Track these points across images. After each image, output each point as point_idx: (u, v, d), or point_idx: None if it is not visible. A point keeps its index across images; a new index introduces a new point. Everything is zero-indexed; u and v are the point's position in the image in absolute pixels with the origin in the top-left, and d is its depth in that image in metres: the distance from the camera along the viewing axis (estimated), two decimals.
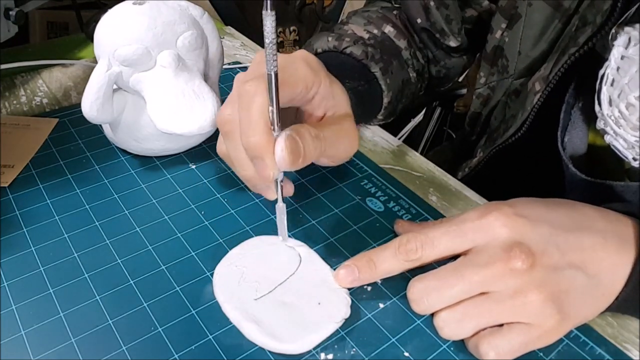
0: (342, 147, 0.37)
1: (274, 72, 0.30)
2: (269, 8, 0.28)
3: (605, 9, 0.39)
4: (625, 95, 0.38)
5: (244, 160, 0.35)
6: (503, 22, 0.51)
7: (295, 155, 0.32)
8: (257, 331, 0.33)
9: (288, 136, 0.32)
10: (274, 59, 0.29)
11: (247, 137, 0.32)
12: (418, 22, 0.55)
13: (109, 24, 0.43)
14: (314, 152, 0.33)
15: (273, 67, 0.30)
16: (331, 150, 0.35)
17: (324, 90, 0.36)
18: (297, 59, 0.35)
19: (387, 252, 0.35)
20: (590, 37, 0.40)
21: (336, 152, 0.37)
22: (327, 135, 0.34)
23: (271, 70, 0.30)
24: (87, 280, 0.37)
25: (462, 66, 0.62)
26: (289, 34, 1.80)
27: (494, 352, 0.31)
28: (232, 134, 0.35)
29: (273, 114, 0.31)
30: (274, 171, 0.32)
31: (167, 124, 0.43)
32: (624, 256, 0.33)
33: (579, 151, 0.45)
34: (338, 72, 0.47)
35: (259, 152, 0.32)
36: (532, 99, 0.46)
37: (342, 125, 0.37)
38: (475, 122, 0.59)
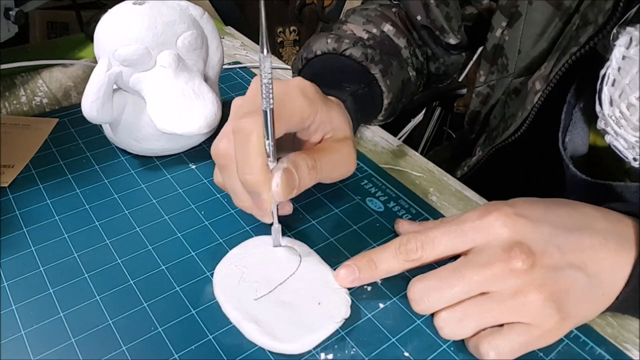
0: (338, 173, 0.37)
1: (270, 109, 0.31)
2: (266, 51, 0.29)
3: (607, 8, 0.39)
4: (627, 96, 0.38)
5: (240, 192, 0.36)
6: (503, 21, 0.51)
7: (291, 188, 0.33)
8: (257, 331, 0.33)
9: (284, 170, 0.32)
10: (270, 97, 0.30)
11: (244, 175, 0.33)
12: (418, 20, 0.55)
13: (109, 24, 0.43)
14: (309, 183, 0.34)
15: (269, 105, 0.31)
16: (326, 176, 0.36)
17: (321, 118, 0.36)
18: (293, 89, 0.35)
19: (387, 252, 0.35)
20: (591, 37, 0.40)
21: (331, 177, 0.37)
22: (323, 164, 0.35)
23: (267, 107, 0.31)
24: (87, 280, 0.37)
25: (462, 63, 0.62)
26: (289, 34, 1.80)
27: (494, 352, 0.31)
28: (228, 168, 0.35)
29: (269, 146, 0.32)
30: (270, 205, 0.34)
31: (167, 124, 0.43)
32: (624, 256, 0.33)
33: (579, 151, 0.45)
34: (338, 75, 0.47)
35: (256, 188, 0.33)
36: (532, 98, 0.46)
37: (340, 152, 0.37)
38: (475, 120, 0.59)
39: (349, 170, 0.38)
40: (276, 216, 0.36)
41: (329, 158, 0.36)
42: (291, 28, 1.80)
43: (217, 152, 0.36)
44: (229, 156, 0.35)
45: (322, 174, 0.35)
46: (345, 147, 0.37)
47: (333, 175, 0.37)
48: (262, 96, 0.30)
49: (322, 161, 0.35)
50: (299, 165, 0.33)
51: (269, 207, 0.34)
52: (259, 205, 0.34)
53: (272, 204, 0.34)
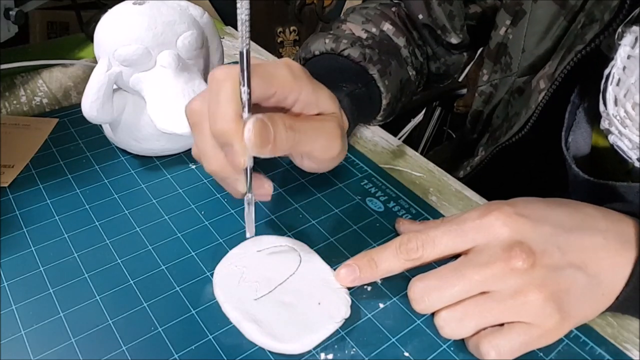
0: (319, 145, 0.34)
1: (246, 50, 0.29)
2: None
3: (613, 5, 0.39)
4: (632, 95, 0.38)
5: (210, 152, 0.33)
6: (507, 19, 0.51)
7: (264, 138, 0.30)
8: (257, 331, 0.33)
9: (257, 119, 0.30)
10: (247, 37, 0.28)
11: (215, 124, 0.31)
12: (419, 18, 0.55)
13: (109, 24, 0.43)
14: (285, 142, 0.31)
15: (245, 45, 0.28)
16: (306, 145, 0.33)
17: (306, 97, 0.34)
18: (279, 62, 0.34)
19: (388, 251, 0.35)
20: (597, 35, 0.40)
21: (312, 148, 0.34)
22: (303, 129, 0.32)
23: (243, 48, 0.28)
24: (87, 280, 0.37)
25: (463, 62, 0.61)
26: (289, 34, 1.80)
27: (494, 351, 0.31)
28: (199, 125, 0.34)
29: (245, 94, 0.30)
30: (244, 157, 0.31)
31: (167, 124, 0.43)
32: (625, 256, 0.33)
33: (582, 151, 0.45)
34: (335, 75, 0.47)
35: (228, 138, 0.31)
36: (536, 97, 0.45)
37: (323, 124, 0.35)
38: (477, 120, 0.59)
39: (332, 147, 0.35)
40: (249, 184, 0.34)
41: (310, 124, 0.33)
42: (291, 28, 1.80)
43: (190, 109, 0.34)
44: (202, 113, 0.33)
45: (302, 136, 0.32)
46: (330, 122, 0.35)
47: (314, 147, 0.34)
48: (239, 36, 0.28)
49: (302, 125, 0.32)
50: (275, 120, 0.31)
51: (241, 161, 0.31)
52: (232, 160, 0.31)
53: (246, 159, 0.31)
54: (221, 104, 0.31)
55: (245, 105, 0.30)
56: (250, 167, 0.33)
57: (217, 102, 0.31)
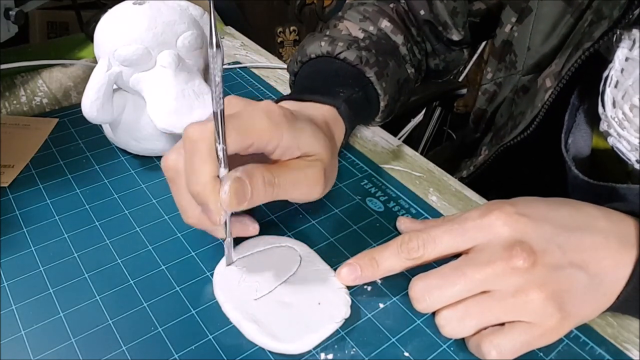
0: (299, 194, 0.35)
1: (220, 110, 0.29)
2: (215, 46, 0.27)
3: (622, 2, 0.39)
4: (629, 97, 0.38)
5: (187, 207, 0.34)
6: (513, 16, 0.51)
7: (240, 199, 0.31)
8: (257, 331, 0.33)
9: (235, 179, 0.30)
10: (220, 97, 0.29)
11: (190, 185, 0.31)
12: (421, 14, 0.55)
13: (109, 24, 0.43)
14: (263, 197, 0.32)
15: (219, 106, 0.29)
16: (286, 195, 0.34)
17: (287, 143, 0.33)
18: (257, 110, 0.33)
19: (389, 250, 0.35)
20: (606, 32, 0.40)
21: (292, 196, 0.35)
22: (282, 182, 0.33)
23: (217, 109, 0.29)
24: (87, 280, 0.37)
25: (462, 59, 0.61)
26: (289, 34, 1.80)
27: (495, 351, 0.31)
28: (175, 181, 0.34)
29: (220, 151, 0.30)
30: (219, 216, 0.31)
31: (167, 124, 0.43)
32: (626, 256, 0.33)
33: (582, 153, 0.45)
34: (332, 79, 0.47)
35: (204, 199, 0.31)
36: (542, 95, 0.45)
37: (305, 172, 0.34)
38: (480, 119, 0.58)
39: (313, 192, 0.35)
40: (229, 230, 0.34)
41: (291, 176, 0.34)
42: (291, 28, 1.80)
43: (166, 165, 0.34)
44: (177, 169, 0.34)
45: (281, 190, 0.33)
46: (312, 168, 0.35)
47: (294, 194, 0.35)
48: (212, 96, 0.29)
49: (282, 177, 0.33)
50: (254, 176, 0.31)
51: (217, 219, 0.31)
52: (209, 217, 0.32)
53: (223, 216, 0.32)
54: (196, 166, 0.31)
55: (221, 162, 0.31)
56: (228, 219, 0.34)
57: (192, 164, 0.31)
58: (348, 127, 0.44)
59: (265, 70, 0.66)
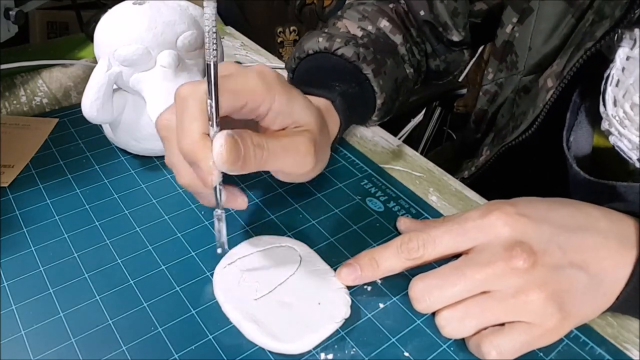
0: (289, 162, 0.34)
1: (213, 61, 0.28)
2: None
3: (624, 1, 0.39)
4: (630, 96, 0.38)
5: (179, 166, 0.34)
6: (514, 17, 0.51)
7: (235, 156, 0.29)
8: (257, 331, 0.33)
9: (228, 136, 0.29)
10: (214, 48, 0.27)
11: (180, 143, 0.30)
12: (421, 15, 0.55)
13: (109, 24, 0.43)
14: (253, 160, 0.31)
15: (212, 57, 0.27)
16: (275, 163, 0.33)
17: (279, 107, 0.33)
18: (250, 70, 0.33)
19: (389, 250, 0.35)
20: (608, 31, 0.40)
21: (282, 166, 0.34)
22: (271, 147, 0.32)
23: (210, 60, 0.27)
24: (87, 280, 0.37)
25: (463, 60, 0.61)
26: (289, 34, 1.80)
27: (495, 351, 0.31)
28: (169, 140, 0.34)
29: (211, 108, 0.29)
30: (212, 176, 0.30)
31: None
32: (626, 256, 0.33)
33: (583, 151, 0.45)
34: (328, 74, 0.47)
35: (194, 157, 0.30)
36: (544, 95, 0.45)
37: (294, 140, 0.34)
38: (481, 119, 0.58)
39: (304, 163, 0.34)
40: (220, 201, 0.33)
41: (280, 142, 0.32)
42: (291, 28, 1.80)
43: (160, 124, 0.34)
44: (170, 127, 0.33)
45: (270, 156, 0.32)
46: (302, 137, 0.34)
47: (285, 162, 0.33)
48: (206, 46, 0.27)
49: (271, 143, 0.32)
50: (244, 137, 0.30)
51: (209, 179, 0.30)
52: (200, 177, 0.31)
53: (216, 177, 0.31)
54: (185, 123, 0.30)
55: (212, 119, 0.29)
56: (219, 183, 0.33)
57: (181, 121, 0.30)
58: (343, 121, 0.43)
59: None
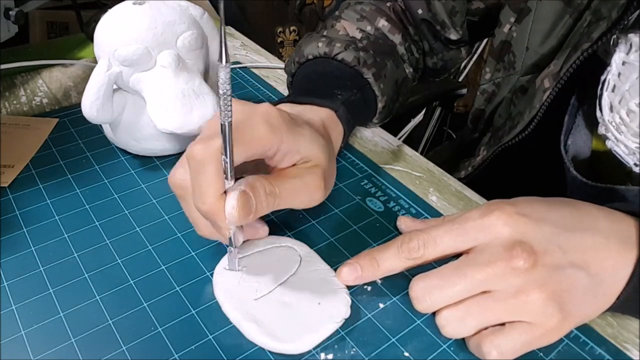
0: (299, 201, 0.35)
1: (228, 122, 0.29)
2: (224, 61, 0.27)
3: (621, 3, 0.39)
4: (626, 102, 0.38)
5: (198, 222, 0.35)
6: (512, 16, 0.51)
7: (247, 212, 0.31)
8: (257, 331, 0.33)
9: (241, 193, 0.31)
10: (229, 110, 0.29)
11: (199, 205, 0.32)
12: (419, 13, 0.55)
13: (109, 24, 0.43)
14: (265, 209, 0.32)
15: (227, 118, 0.29)
16: (286, 204, 0.34)
17: (286, 148, 0.34)
18: (256, 115, 0.33)
19: (389, 250, 0.35)
20: (604, 32, 0.40)
21: (293, 204, 0.35)
22: (282, 191, 0.33)
23: (225, 121, 0.29)
24: (87, 280, 0.37)
25: (460, 58, 0.61)
26: (289, 34, 1.80)
27: (496, 351, 0.31)
28: (185, 198, 0.35)
29: (226, 164, 0.31)
30: (228, 231, 0.33)
31: (167, 124, 0.43)
32: (626, 256, 0.33)
33: (582, 155, 0.45)
34: (330, 81, 0.47)
35: (212, 218, 0.32)
36: (540, 96, 0.45)
37: (304, 179, 0.35)
38: (479, 119, 0.58)
39: (313, 199, 0.36)
40: (235, 240, 0.35)
41: (291, 184, 0.34)
42: (291, 28, 1.80)
43: (174, 183, 0.35)
44: (185, 187, 0.34)
45: (282, 200, 0.33)
46: (311, 174, 0.35)
47: (295, 202, 0.35)
48: (220, 109, 0.29)
49: (282, 187, 0.33)
50: (256, 189, 0.32)
51: (227, 234, 0.33)
52: (219, 233, 0.33)
53: (232, 230, 0.33)
54: (203, 187, 0.31)
55: (227, 174, 0.31)
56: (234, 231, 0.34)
57: (198, 185, 0.31)
58: (346, 130, 0.44)
59: (265, 70, 0.66)
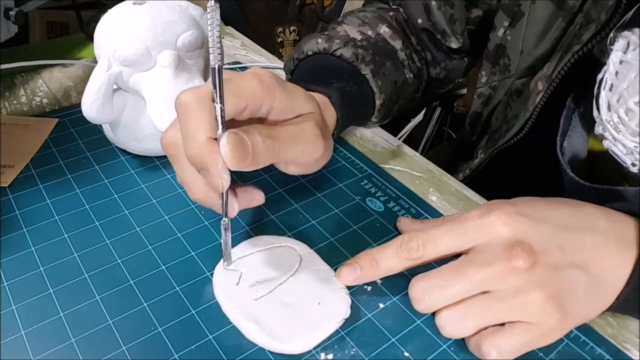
0: (301, 148, 0.34)
1: (218, 65, 0.28)
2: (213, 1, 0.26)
3: (609, 5, 0.39)
4: (625, 101, 0.38)
5: (190, 182, 0.34)
6: (506, 20, 0.51)
7: (241, 151, 0.29)
8: (257, 331, 0.33)
9: (231, 132, 0.29)
10: (218, 52, 0.27)
11: (188, 151, 0.30)
12: (419, 22, 0.55)
13: (109, 24, 0.43)
14: (265, 152, 0.31)
15: (217, 61, 0.27)
16: (287, 151, 0.33)
17: (280, 103, 0.33)
18: (246, 73, 0.33)
19: (389, 250, 0.35)
20: (594, 35, 0.40)
21: (294, 154, 0.34)
22: (281, 135, 0.32)
23: (215, 64, 0.27)
24: (87, 280, 0.37)
25: (464, 68, 0.61)
26: (289, 34, 1.80)
27: (496, 351, 0.31)
28: (176, 156, 0.34)
29: (218, 111, 0.29)
30: (222, 179, 0.30)
31: (167, 124, 0.43)
32: (626, 256, 0.33)
33: (579, 156, 0.45)
34: (327, 74, 0.47)
35: (203, 162, 0.30)
36: (534, 98, 0.45)
37: (300, 126, 0.34)
38: (476, 122, 0.59)
39: (314, 149, 0.34)
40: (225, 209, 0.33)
41: (287, 130, 0.33)
42: (291, 28, 1.80)
43: (165, 142, 0.34)
44: (176, 144, 0.33)
45: (281, 145, 0.32)
46: (307, 122, 0.34)
47: (295, 152, 0.33)
48: (210, 50, 0.27)
49: (279, 132, 0.32)
50: (251, 132, 0.30)
51: (219, 183, 0.30)
52: (211, 182, 0.30)
53: (226, 181, 0.30)
54: (191, 130, 0.30)
55: (219, 122, 0.29)
56: (226, 190, 0.32)
57: (186, 129, 0.30)
58: (340, 116, 0.43)
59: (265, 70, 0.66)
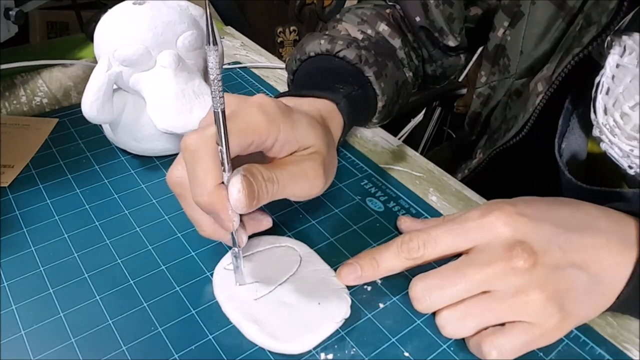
0: (299, 189, 0.34)
1: (221, 109, 0.28)
2: (212, 43, 0.26)
3: (611, 8, 0.39)
4: (620, 105, 0.38)
5: (199, 220, 0.34)
6: (505, 20, 0.51)
7: (252, 197, 0.30)
8: (257, 331, 0.33)
9: (243, 178, 0.30)
10: (220, 96, 0.28)
11: (197, 197, 0.30)
12: (417, 21, 0.55)
13: (109, 24, 0.43)
14: (266, 195, 0.31)
15: (219, 105, 0.28)
16: (286, 192, 0.33)
17: (284, 137, 0.33)
18: (251, 105, 0.32)
19: (389, 250, 0.35)
20: (594, 38, 0.40)
21: (293, 193, 0.34)
22: (281, 178, 0.32)
23: (217, 108, 0.28)
24: (87, 280, 0.37)
25: (460, 65, 0.61)
26: (289, 34, 1.80)
27: (496, 351, 0.31)
28: (184, 196, 0.34)
29: (222, 154, 0.29)
30: (231, 222, 0.31)
31: (167, 124, 0.43)
32: (626, 256, 0.33)
33: (577, 157, 0.45)
34: (331, 77, 0.47)
35: (213, 209, 0.30)
36: (534, 99, 0.45)
37: (302, 166, 0.34)
38: (475, 122, 0.59)
39: (314, 187, 0.35)
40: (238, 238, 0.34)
41: (288, 171, 0.33)
42: (291, 28, 1.80)
43: (172, 181, 0.34)
44: (183, 184, 0.33)
45: (281, 187, 0.32)
46: (310, 161, 0.34)
47: (295, 190, 0.34)
48: (212, 95, 0.28)
49: (280, 173, 0.32)
50: (254, 174, 0.31)
51: (230, 225, 0.31)
52: (221, 225, 0.31)
53: (236, 222, 0.31)
54: (199, 176, 0.30)
55: (224, 164, 0.30)
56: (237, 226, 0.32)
57: (194, 175, 0.30)
58: (347, 123, 0.43)
59: (265, 70, 0.66)
